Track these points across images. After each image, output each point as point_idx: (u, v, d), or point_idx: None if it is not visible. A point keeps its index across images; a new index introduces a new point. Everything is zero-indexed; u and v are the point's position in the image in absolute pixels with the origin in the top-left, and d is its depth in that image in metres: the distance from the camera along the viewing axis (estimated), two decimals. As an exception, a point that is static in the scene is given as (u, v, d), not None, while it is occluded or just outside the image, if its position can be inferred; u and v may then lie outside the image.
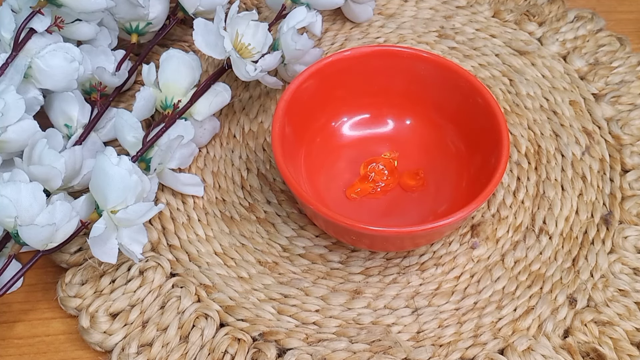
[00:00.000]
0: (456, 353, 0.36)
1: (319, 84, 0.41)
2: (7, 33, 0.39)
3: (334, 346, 0.36)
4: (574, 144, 0.45)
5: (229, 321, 0.37)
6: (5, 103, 0.36)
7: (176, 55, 0.41)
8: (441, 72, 0.41)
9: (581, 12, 0.52)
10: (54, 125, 0.41)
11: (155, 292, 0.38)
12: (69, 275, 0.38)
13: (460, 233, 0.41)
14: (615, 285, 0.39)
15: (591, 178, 0.43)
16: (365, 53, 0.42)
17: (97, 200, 0.36)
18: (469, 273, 0.39)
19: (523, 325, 0.37)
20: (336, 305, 0.38)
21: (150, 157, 0.39)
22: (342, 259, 0.40)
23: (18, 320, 0.38)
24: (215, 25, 0.40)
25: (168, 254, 0.40)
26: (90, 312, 0.37)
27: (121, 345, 0.36)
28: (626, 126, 0.45)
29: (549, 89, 0.47)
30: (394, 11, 0.52)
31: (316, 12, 0.44)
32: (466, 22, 0.51)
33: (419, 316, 0.38)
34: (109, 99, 0.42)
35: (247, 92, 0.47)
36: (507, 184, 0.43)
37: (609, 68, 0.48)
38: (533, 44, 0.50)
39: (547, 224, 0.41)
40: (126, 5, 0.43)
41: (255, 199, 0.42)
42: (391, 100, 0.43)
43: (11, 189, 0.34)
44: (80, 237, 0.38)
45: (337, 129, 0.44)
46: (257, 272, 0.39)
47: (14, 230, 0.34)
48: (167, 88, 0.41)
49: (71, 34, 0.42)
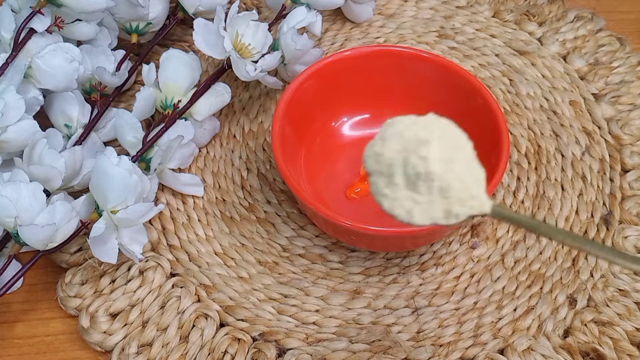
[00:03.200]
0: (456, 353, 0.36)
1: (319, 84, 0.41)
2: (7, 33, 0.39)
3: (334, 346, 0.36)
4: (574, 144, 0.45)
5: (228, 321, 0.37)
6: (5, 103, 0.36)
7: (176, 55, 0.41)
8: (441, 72, 0.41)
9: (581, 12, 0.52)
10: (54, 125, 0.41)
11: (155, 292, 0.38)
12: (69, 275, 0.38)
13: (461, 233, 0.41)
14: (615, 285, 0.39)
15: (591, 178, 0.43)
16: (365, 53, 0.42)
17: (97, 200, 0.36)
18: (469, 273, 0.39)
19: (523, 325, 0.37)
20: (336, 305, 0.38)
21: (150, 157, 0.39)
22: (342, 259, 0.40)
23: (18, 320, 0.38)
24: (216, 25, 0.40)
25: (168, 254, 0.40)
26: (90, 312, 0.37)
27: (121, 345, 0.36)
28: (626, 126, 0.45)
29: (549, 89, 0.47)
30: (394, 11, 0.52)
31: (316, 12, 0.44)
32: (466, 22, 0.51)
33: (419, 316, 0.38)
34: (109, 99, 0.42)
35: (247, 92, 0.47)
36: (507, 184, 0.43)
37: (609, 68, 0.48)
38: (533, 44, 0.50)
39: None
40: (126, 5, 0.43)
41: (255, 199, 0.42)
42: (391, 100, 0.43)
43: (11, 189, 0.34)
44: (81, 237, 0.38)
45: (337, 129, 0.44)
46: (257, 272, 0.39)
47: (14, 230, 0.34)
48: (167, 88, 0.41)
49: (71, 34, 0.42)
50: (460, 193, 0.24)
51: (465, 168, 0.24)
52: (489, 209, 0.24)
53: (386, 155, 0.25)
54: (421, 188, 0.24)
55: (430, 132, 0.24)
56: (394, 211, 0.25)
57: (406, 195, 0.25)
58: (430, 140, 0.24)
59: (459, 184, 0.24)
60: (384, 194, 0.25)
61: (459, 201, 0.24)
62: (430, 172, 0.24)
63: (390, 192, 0.25)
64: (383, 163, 0.25)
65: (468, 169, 0.25)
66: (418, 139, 0.24)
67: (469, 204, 0.24)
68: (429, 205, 0.24)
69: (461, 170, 0.24)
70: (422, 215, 0.25)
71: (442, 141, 0.24)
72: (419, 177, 0.24)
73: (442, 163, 0.24)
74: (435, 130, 0.25)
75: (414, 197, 0.24)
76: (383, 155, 0.25)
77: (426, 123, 0.25)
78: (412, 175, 0.24)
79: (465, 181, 0.24)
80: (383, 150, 0.25)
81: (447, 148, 0.24)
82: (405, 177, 0.24)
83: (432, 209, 0.24)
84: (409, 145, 0.24)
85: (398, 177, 0.24)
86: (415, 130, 0.25)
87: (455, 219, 0.24)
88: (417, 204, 0.24)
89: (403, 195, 0.25)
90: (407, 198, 0.25)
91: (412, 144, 0.24)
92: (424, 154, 0.24)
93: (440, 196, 0.24)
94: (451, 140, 0.25)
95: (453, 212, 0.24)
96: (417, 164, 0.24)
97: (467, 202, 0.24)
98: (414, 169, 0.24)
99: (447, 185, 0.24)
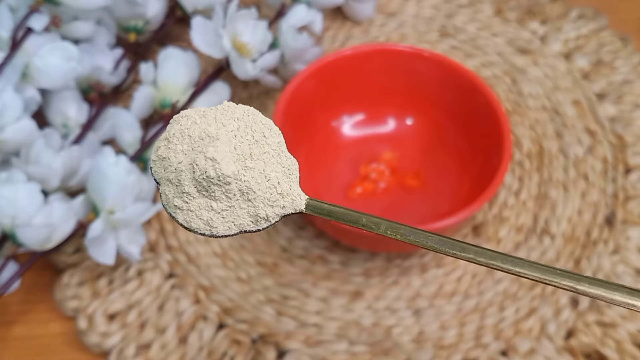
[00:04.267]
0: (458, 355, 0.36)
1: (319, 83, 0.41)
2: (4, 32, 0.39)
3: (334, 348, 0.36)
4: (576, 144, 0.44)
5: (228, 323, 0.37)
6: (2, 102, 0.36)
7: (175, 54, 0.41)
8: (443, 71, 0.41)
9: (583, 10, 0.51)
10: (52, 124, 0.41)
11: (153, 294, 0.38)
12: (66, 276, 0.38)
13: (462, 233, 0.40)
14: (618, 286, 0.39)
15: (594, 178, 0.43)
16: (366, 52, 0.41)
17: (95, 200, 0.36)
18: (471, 274, 0.39)
19: (525, 327, 0.37)
20: (336, 307, 0.38)
21: (148, 157, 0.39)
22: (342, 260, 0.40)
23: (16, 322, 0.38)
24: (214, 23, 0.40)
25: (167, 254, 0.39)
26: (88, 314, 0.37)
27: (119, 347, 0.36)
28: (629, 126, 0.45)
29: (551, 88, 0.47)
30: (395, 10, 0.51)
31: (316, 10, 0.44)
32: (468, 20, 0.51)
33: (420, 318, 0.37)
34: (106, 98, 0.42)
35: (246, 91, 0.47)
36: (509, 184, 0.43)
37: (611, 67, 0.48)
38: (535, 42, 0.49)
39: (549, 225, 0.41)
40: (124, 3, 0.43)
41: (254, 199, 0.42)
42: (392, 99, 0.43)
43: (8, 189, 0.34)
44: (78, 238, 0.38)
45: (337, 128, 0.43)
46: (256, 274, 0.39)
47: (12, 230, 0.34)
48: (166, 87, 0.41)
49: (69, 33, 0.41)
50: (265, 193, 0.21)
51: (269, 163, 0.21)
52: (304, 206, 0.22)
53: (172, 160, 0.21)
54: (217, 194, 0.21)
55: (220, 127, 0.21)
56: (191, 225, 0.21)
57: (202, 204, 0.21)
58: (220, 136, 0.21)
59: (263, 182, 0.21)
60: (175, 205, 0.21)
61: (266, 201, 0.21)
62: (223, 174, 0.20)
63: (182, 203, 0.21)
64: (170, 169, 0.21)
65: (273, 164, 0.21)
66: (206, 135, 0.21)
67: (280, 204, 0.21)
68: (230, 212, 0.21)
69: (264, 167, 0.21)
70: (224, 224, 0.21)
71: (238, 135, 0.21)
72: (212, 181, 0.20)
73: (236, 162, 0.21)
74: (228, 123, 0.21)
75: (211, 204, 0.21)
76: (169, 159, 0.21)
77: (217, 115, 0.21)
78: (202, 180, 0.20)
79: (270, 179, 0.21)
80: (168, 154, 0.21)
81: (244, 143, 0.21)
82: (195, 183, 0.21)
83: (236, 216, 0.21)
84: (196, 145, 0.21)
85: (187, 184, 0.21)
86: (204, 126, 0.21)
87: (266, 223, 0.21)
88: (216, 212, 0.21)
89: (198, 204, 0.21)
90: (203, 207, 0.21)
91: (200, 143, 0.21)
92: (211, 154, 0.20)
93: (242, 200, 0.21)
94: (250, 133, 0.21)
95: (261, 215, 0.21)
96: (207, 168, 0.20)
97: (278, 202, 0.21)
98: (203, 173, 0.20)
99: (247, 187, 0.21)
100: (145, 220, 0.37)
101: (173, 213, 0.21)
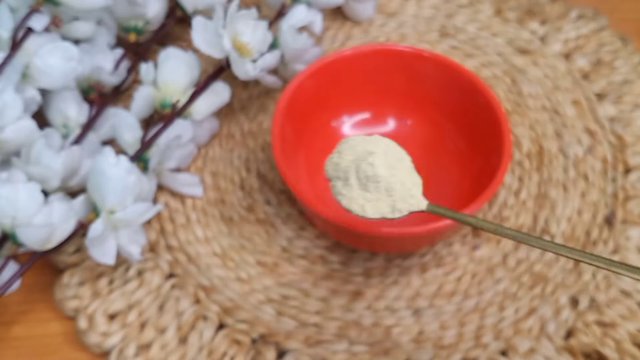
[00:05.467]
0: (457, 354, 0.36)
1: (319, 83, 0.41)
2: (5, 32, 0.39)
3: (334, 348, 0.36)
4: (576, 144, 0.44)
5: (228, 323, 0.37)
6: (3, 102, 0.36)
7: (175, 54, 0.41)
8: (442, 71, 0.41)
9: (583, 10, 0.51)
10: (52, 124, 0.41)
11: (153, 294, 0.38)
12: (67, 276, 0.38)
13: (462, 233, 0.41)
14: (618, 286, 0.39)
15: (593, 178, 0.43)
16: (366, 52, 0.42)
17: (95, 200, 0.36)
18: (471, 274, 0.39)
19: (525, 327, 0.37)
20: (336, 307, 0.38)
21: (148, 157, 0.39)
22: (343, 260, 0.40)
23: (16, 322, 0.38)
24: (215, 23, 0.40)
25: (167, 255, 0.39)
26: (88, 314, 0.37)
27: (119, 347, 0.36)
28: (629, 126, 0.45)
29: (551, 88, 0.47)
30: (395, 10, 0.51)
31: (316, 10, 0.44)
32: (468, 20, 0.51)
33: (420, 317, 0.37)
34: (107, 98, 0.42)
35: (246, 91, 0.47)
36: (509, 184, 0.43)
37: (611, 67, 0.48)
38: (535, 42, 0.49)
39: (549, 225, 0.41)
40: (124, 3, 0.43)
41: (254, 199, 0.42)
42: (392, 99, 0.43)
43: (9, 189, 0.34)
44: (79, 238, 0.38)
45: (337, 128, 0.44)
46: (256, 273, 0.39)
47: (12, 230, 0.34)
48: (166, 87, 0.41)
49: (69, 33, 0.41)
50: (402, 193, 0.30)
51: (405, 175, 0.30)
52: (425, 206, 0.30)
53: (342, 164, 0.31)
54: (370, 188, 0.30)
55: (376, 146, 0.30)
56: (351, 207, 0.30)
57: (359, 194, 0.30)
58: (376, 151, 0.30)
59: (401, 185, 0.30)
60: (342, 193, 0.30)
61: (401, 199, 0.30)
62: (377, 175, 0.29)
63: (347, 192, 0.30)
64: (340, 170, 0.31)
65: (408, 176, 0.30)
66: (367, 150, 0.30)
67: (410, 202, 0.30)
68: (377, 202, 0.30)
69: (402, 176, 0.30)
70: (372, 210, 0.30)
71: (386, 153, 0.30)
72: (369, 179, 0.30)
73: (386, 168, 0.30)
74: (380, 146, 0.31)
75: (365, 195, 0.30)
76: (340, 164, 0.31)
77: (373, 140, 0.31)
78: (363, 178, 0.30)
79: (405, 184, 0.30)
80: (340, 161, 0.31)
81: (390, 159, 0.30)
82: (357, 179, 0.30)
83: (380, 205, 0.30)
84: (360, 156, 0.30)
85: (352, 180, 0.30)
86: (365, 145, 0.31)
87: (399, 213, 0.30)
88: (368, 201, 0.30)
89: (357, 194, 0.30)
90: (360, 197, 0.30)
91: (363, 154, 0.30)
92: (371, 161, 0.30)
93: (386, 195, 0.30)
94: (394, 154, 0.31)
95: (397, 207, 0.30)
96: (367, 169, 0.30)
97: (408, 200, 0.30)
98: (364, 173, 0.30)
99: (391, 186, 0.30)
100: (145, 220, 0.37)
101: (339, 199, 0.31)
